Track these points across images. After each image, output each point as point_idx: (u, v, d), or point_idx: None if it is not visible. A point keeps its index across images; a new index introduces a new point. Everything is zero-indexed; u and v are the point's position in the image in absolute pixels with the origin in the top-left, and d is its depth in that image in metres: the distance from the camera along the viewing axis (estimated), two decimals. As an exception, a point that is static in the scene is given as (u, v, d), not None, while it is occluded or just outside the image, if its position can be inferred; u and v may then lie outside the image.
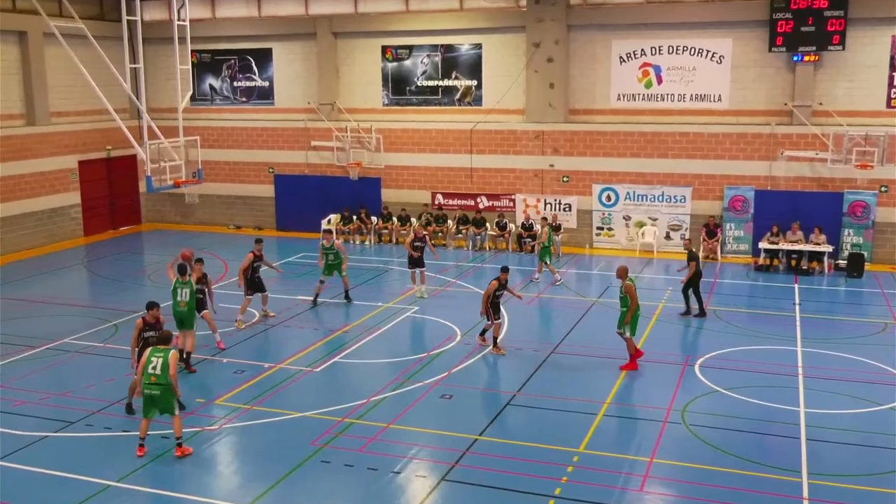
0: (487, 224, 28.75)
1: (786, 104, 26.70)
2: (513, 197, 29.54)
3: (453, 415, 14.40)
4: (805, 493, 11.41)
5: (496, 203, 29.68)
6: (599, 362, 16.90)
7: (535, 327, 19.68)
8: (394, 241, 29.66)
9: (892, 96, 26.09)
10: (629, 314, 16.33)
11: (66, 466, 12.38)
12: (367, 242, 29.74)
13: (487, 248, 28.67)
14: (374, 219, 29.94)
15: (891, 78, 26.01)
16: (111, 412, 14.40)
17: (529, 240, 28.18)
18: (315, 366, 16.73)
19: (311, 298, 21.32)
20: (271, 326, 19.44)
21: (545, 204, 29.09)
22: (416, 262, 22.00)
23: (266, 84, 32.46)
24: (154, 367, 12.61)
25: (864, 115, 26.06)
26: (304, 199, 31.48)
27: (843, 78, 26.24)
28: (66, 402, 14.88)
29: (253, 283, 19.59)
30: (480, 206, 29.67)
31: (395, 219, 29.81)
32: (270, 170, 32.40)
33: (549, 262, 23.80)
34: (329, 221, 30.46)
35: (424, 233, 22.56)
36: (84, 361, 17.27)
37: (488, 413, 14.40)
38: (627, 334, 16.45)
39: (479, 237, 28.73)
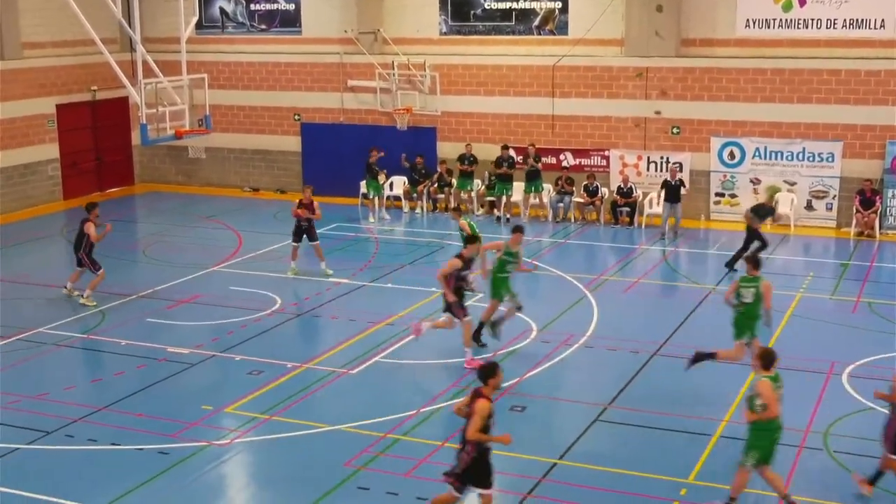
0: (574, 188, 28.65)
1: (971, 31, 26.05)
2: (606, 153, 29.37)
3: (526, 432, 14.43)
4: None
5: (585, 161, 29.55)
6: (717, 368, 16.76)
7: (633, 321, 19.62)
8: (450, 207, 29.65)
9: None
10: None
11: (42, 486, 12.74)
12: (418, 210, 29.86)
13: (573, 219, 28.58)
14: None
15: None
16: (97, 420, 14.77)
17: (626, 210, 27.99)
18: (351, 367, 16.92)
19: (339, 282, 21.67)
20: (295, 316, 19.71)
21: (648, 163, 28.88)
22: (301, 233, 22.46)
23: (291, 7, 32.69)
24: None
25: None
26: (338, 155, 31.69)
27: None
28: (42, 408, 15.29)
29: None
30: (565, 164, 29.56)
31: (454, 180, 29.84)
32: (297, 117, 32.70)
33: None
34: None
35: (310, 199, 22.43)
36: (64, 357, 17.72)
37: (571, 430, 14.42)
38: None
39: (562, 205, 28.65)
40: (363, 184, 29.99)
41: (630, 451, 13.79)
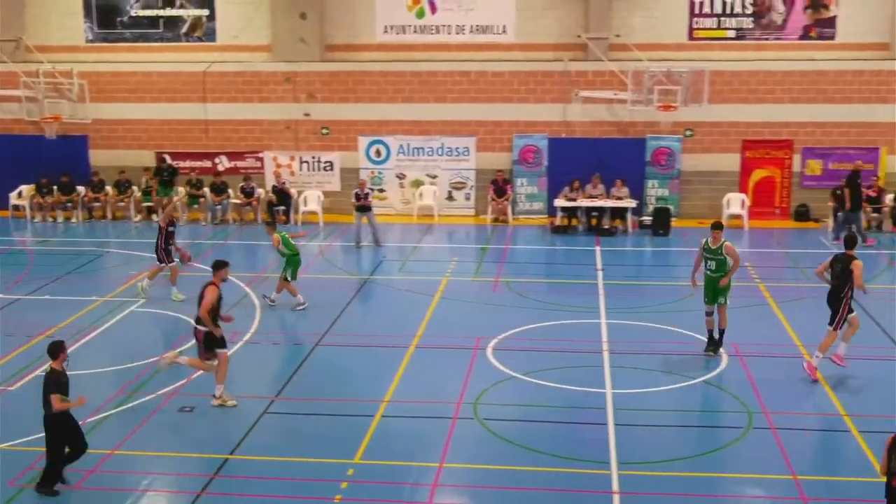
0: (230, 190, 28.29)
1: (579, 36, 28.05)
2: (260, 155, 29.23)
3: (196, 431, 14.10)
4: (615, 487, 12.13)
5: (240, 163, 29.26)
6: (375, 353, 17.10)
7: (295, 315, 19.61)
8: (109, 215, 28.57)
9: (695, 26, 28.11)
10: None
11: None
12: (73, 219, 28.43)
13: (231, 220, 28.22)
14: (80, 189, 28.64)
15: (692, 5, 27.97)
16: None
17: (282, 209, 27.99)
18: (10, 383, 15.81)
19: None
20: (-54, 335, 18.18)
21: (301, 163, 29.03)
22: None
23: (-78, 15, 30.09)
24: None
25: (666, 48, 27.94)
26: (-18, 167, 29.57)
27: (642, 6, 27.98)
28: None
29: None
30: (220, 167, 29.13)
31: (109, 188, 28.70)
32: (-66, 129, 30.17)
33: (289, 277, 19.80)
34: (20, 195, 28.86)
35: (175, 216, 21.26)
36: None
37: (240, 426, 14.20)
38: None
39: (219, 207, 28.20)
40: (12, 196, 28.25)
41: (298, 439, 13.78)
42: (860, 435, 13.47)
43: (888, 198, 26.76)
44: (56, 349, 12.16)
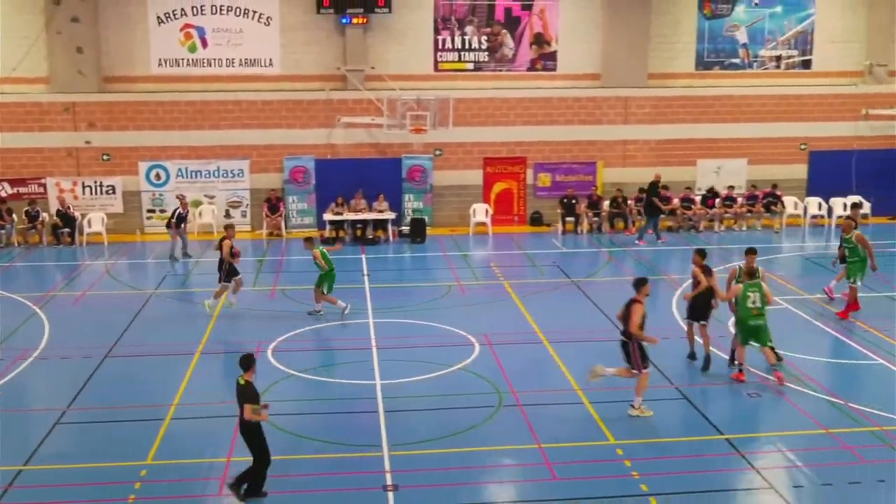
0: (14, 215, 26.62)
1: (339, 68, 28.19)
2: (43, 181, 27.65)
3: (-12, 446, 13.20)
4: (387, 467, 12.28)
5: (23, 189, 27.56)
6: (163, 361, 16.56)
7: (84, 330, 18.66)
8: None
9: (439, 60, 28.86)
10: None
11: None
12: None
13: (16, 244, 26.56)
14: None
15: (436, 42, 28.71)
16: None
17: (67, 231, 26.61)
18: None
19: None
20: None
21: (83, 187, 27.70)
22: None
23: None
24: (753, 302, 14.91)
25: (415, 78, 28.51)
26: None
27: (393, 41, 28.44)
28: None
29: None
30: (3, 193, 27.36)
31: None
32: None
33: (325, 291, 19.45)
34: None
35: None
36: None
37: (34, 437, 13.40)
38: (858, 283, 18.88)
39: (3, 231, 26.48)
40: None
41: (92, 446, 13.15)
42: (591, 405, 14.24)
43: (605, 204, 28.35)
44: (248, 362, 11.49)
